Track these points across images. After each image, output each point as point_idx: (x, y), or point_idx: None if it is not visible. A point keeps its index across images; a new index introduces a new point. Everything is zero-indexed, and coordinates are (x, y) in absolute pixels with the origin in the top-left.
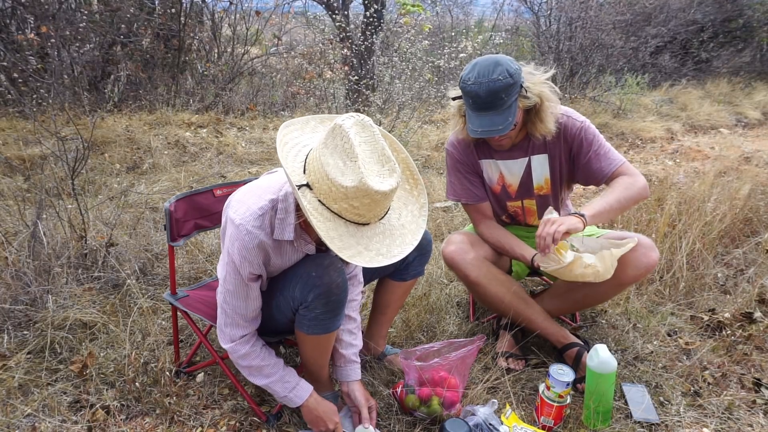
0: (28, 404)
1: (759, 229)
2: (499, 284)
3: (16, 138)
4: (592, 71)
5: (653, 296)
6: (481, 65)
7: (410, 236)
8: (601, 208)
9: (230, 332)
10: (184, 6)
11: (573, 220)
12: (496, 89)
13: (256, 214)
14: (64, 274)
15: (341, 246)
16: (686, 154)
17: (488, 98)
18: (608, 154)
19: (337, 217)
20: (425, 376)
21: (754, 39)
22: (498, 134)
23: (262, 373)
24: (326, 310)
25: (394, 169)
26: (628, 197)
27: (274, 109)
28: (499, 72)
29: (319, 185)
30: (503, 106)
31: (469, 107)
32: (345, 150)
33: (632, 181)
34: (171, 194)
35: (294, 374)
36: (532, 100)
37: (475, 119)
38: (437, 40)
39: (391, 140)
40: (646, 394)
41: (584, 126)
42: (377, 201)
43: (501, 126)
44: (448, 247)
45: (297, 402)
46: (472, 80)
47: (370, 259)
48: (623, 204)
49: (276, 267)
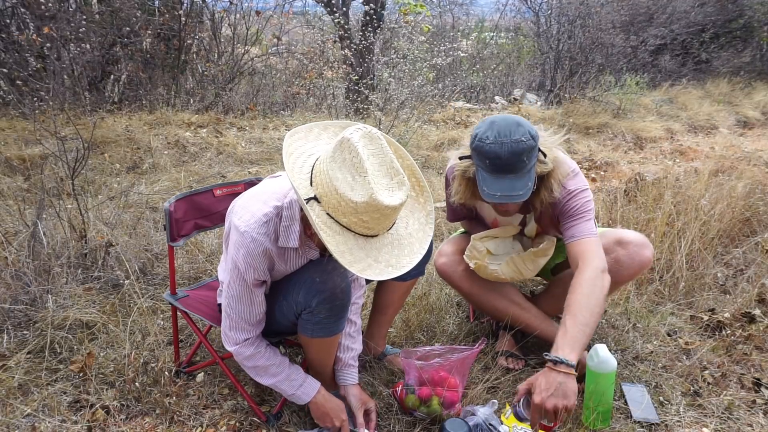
0: (28, 404)
1: (758, 229)
2: (493, 292)
3: (16, 138)
4: (592, 71)
5: (653, 296)
6: (501, 125)
7: (418, 245)
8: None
9: (234, 336)
10: (185, 6)
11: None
12: (520, 151)
13: (261, 221)
14: (64, 274)
15: (351, 260)
16: (686, 154)
17: (510, 160)
18: (583, 225)
19: (346, 230)
20: (425, 376)
21: (754, 39)
22: (518, 200)
23: (269, 372)
24: (330, 315)
25: (403, 182)
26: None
27: (274, 109)
28: (522, 133)
29: (327, 199)
30: (524, 170)
31: (485, 169)
32: (354, 164)
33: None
34: (171, 194)
35: (300, 372)
36: (548, 165)
37: (493, 182)
38: (437, 42)
39: (395, 147)
40: (646, 394)
41: (573, 194)
42: (387, 215)
43: (521, 192)
44: (439, 259)
45: (305, 399)
46: (492, 139)
47: (380, 272)
48: (596, 314)
49: (280, 272)
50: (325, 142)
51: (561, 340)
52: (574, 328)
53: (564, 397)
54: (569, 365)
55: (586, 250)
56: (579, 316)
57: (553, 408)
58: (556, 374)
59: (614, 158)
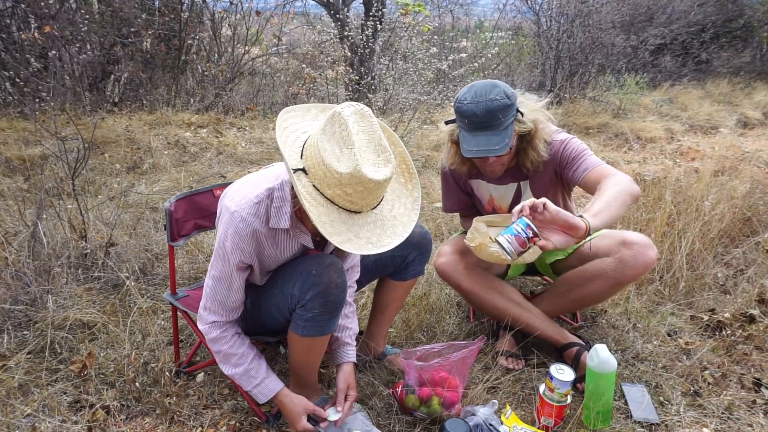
0: (28, 404)
1: (759, 229)
2: (493, 291)
3: (16, 138)
4: (592, 71)
5: (653, 296)
6: (478, 87)
7: (401, 228)
8: (600, 206)
9: (206, 316)
10: (185, 6)
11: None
12: (494, 108)
13: (252, 202)
14: (64, 274)
15: (332, 231)
16: (686, 154)
17: (485, 117)
18: (588, 160)
19: (329, 203)
20: (425, 376)
21: (755, 39)
22: (494, 154)
23: (230, 362)
24: (324, 311)
25: (390, 159)
26: (621, 191)
27: (275, 110)
28: (497, 93)
29: (314, 170)
30: (500, 127)
31: (464, 128)
32: (342, 137)
33: (616, 179)
34: (171, 194)
35: (263, 369)
36: (527, 125)
37: (471, 139)
38: (438, 42)
39: (389, 134)
40: (646, 394)
41: (565, 142)
42: (370, 189)
43: (497, 146)
44: (439, 259)
45: (262, 399)
46: (469, 100)
47: (360, 247)
48: (620, 199)
49: (272, 258)
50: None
51: (585, 208)
52: (597, 202)
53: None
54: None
55: (605, 171)
56: (604, 195)
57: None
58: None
59: (614, 158)
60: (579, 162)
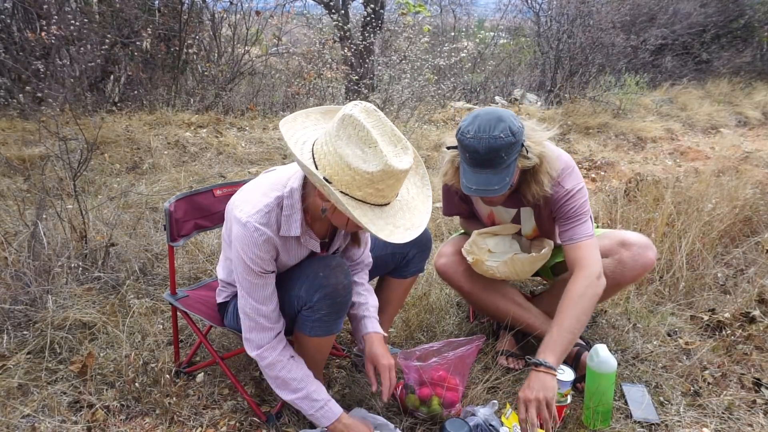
0: (28, 404)
1: (759, 229)
2: (493, 292)
3: (16, 138)
4: (592, 71)
5: (653, 296)
6: (483, 119)
7: (422, 206)
8: (564, 343)
9: (255, 338)
10: (185, 6)
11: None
12: (497, 147)
13: (263, 211)
14: (64, 274)
15: (377, 228)
16: (686, 154)
17: (487, 155)
18: (581, 227)
19: (362, 203)
20: (425, 376)
21: (755, 39)
22: (492, 195)
23: (289, 387)
24: (331, 312)
25: (407, 146)
26: (585, 310)
27: (274, 109)
28: (501, 129)
29: (339, 177)
30: (501, 166)
31: (465, 161)
32: (360, 137)
33: (581, 290)
34: (171, 194)
35: (323, 391)
36: (532, 160)
37: (471, 175)
38: (438, 42)
39: None
40: (646, 394)
41: (570, 194)
42: (400, 179)
43: (497, 186)
44: (439, 260)
45: (324, 423)
46: (472, 134)
47: (403, 235)
48: (583, 321)
49: (282, 264)
50: (312, 128)
51: (544, 345)
52: (558, 334)
53: (543, 390)
54: (549, 366)
55: (583, 256)
56: (565, 323)
57: (535, 400)
58: (537, 374)
59: (614, 158)
60: (571, 225)
